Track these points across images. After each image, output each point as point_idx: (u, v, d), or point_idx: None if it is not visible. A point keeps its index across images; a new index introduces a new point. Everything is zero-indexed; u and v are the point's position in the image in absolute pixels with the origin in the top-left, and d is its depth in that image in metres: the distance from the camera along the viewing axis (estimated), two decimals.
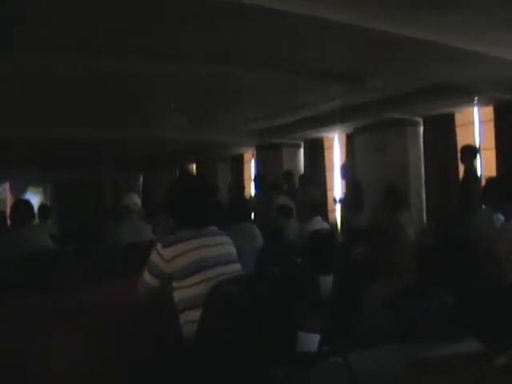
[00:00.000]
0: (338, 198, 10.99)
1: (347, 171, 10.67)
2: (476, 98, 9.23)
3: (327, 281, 5.10)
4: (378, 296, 5.73)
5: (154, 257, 3.46)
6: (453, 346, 5.57)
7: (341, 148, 12.90)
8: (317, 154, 13.33)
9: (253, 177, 11.91)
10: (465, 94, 8.91)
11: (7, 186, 22.49)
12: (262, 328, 3.26)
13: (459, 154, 8.82)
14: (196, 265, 3.39)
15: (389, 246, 6.32)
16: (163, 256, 3.41)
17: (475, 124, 10.35)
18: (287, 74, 7.80)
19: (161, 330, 3.60)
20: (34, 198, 21.17)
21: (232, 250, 3.70)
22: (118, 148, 14.48)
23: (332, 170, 13.14)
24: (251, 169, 15.06)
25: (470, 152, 8.52)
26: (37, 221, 9.94)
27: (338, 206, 11.33)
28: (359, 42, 6.40)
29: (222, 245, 3.65)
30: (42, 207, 11.17)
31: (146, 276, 3.49)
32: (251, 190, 11.28)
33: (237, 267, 3.63)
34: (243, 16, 5.58)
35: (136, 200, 7.39)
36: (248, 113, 10.90)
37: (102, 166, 17.67)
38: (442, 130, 10.42)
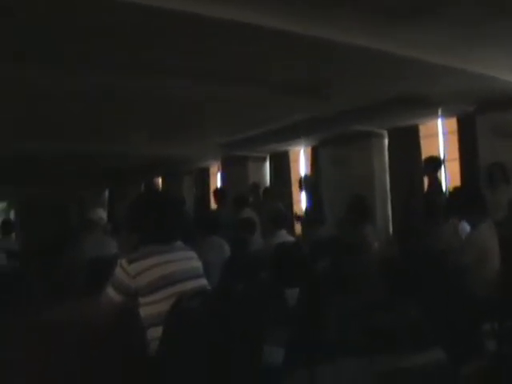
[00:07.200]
0: (299, 215, 10.91)
1: (307, 184, 10.65)
2: (440, 110, 9.32)
3: (293, 293, 5.09)
4: (345, 309, 5.73)
5: (118, 272, 3.41)
6: (419, 357, 5.60)
7: (306, 161, 12.94)
8: (282, 167, 13.35)
9: (217, 190, 11.79)
10: (429, 106, 9.00)
11: None
12: (225, 344, 3.23)
13: (422, 166, 8.90)
14: (161, 281, 3.35)
15: (353, 259, 6.33)
16: (128, 272, 3.36)
17: (439, 135, 10.46)
18: (251, 88, 7.80)
19: (128, 346, 3.55)
20: None
21: (198, 264, 3.67)
22: (83, 163, 14.36)
23: (298, 183, 13.12)
24: (217, 182, 15.03)
25: (433, 163, 8.58)
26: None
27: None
28: (322, 56, 6.44)
29: (187, 260, 3.60)
30: (4, 222, 11.06)
31: (111, 292, 3.44)
32: (216, 203, 11.18)
33: (202, 282, 3.59)
34: (204, 29, 5.56)
35: (101, 214, 7.35)
36: (213, 126, 10.87)
37: (67, 181, 17.48)
38: (407, 141, 10.50)
